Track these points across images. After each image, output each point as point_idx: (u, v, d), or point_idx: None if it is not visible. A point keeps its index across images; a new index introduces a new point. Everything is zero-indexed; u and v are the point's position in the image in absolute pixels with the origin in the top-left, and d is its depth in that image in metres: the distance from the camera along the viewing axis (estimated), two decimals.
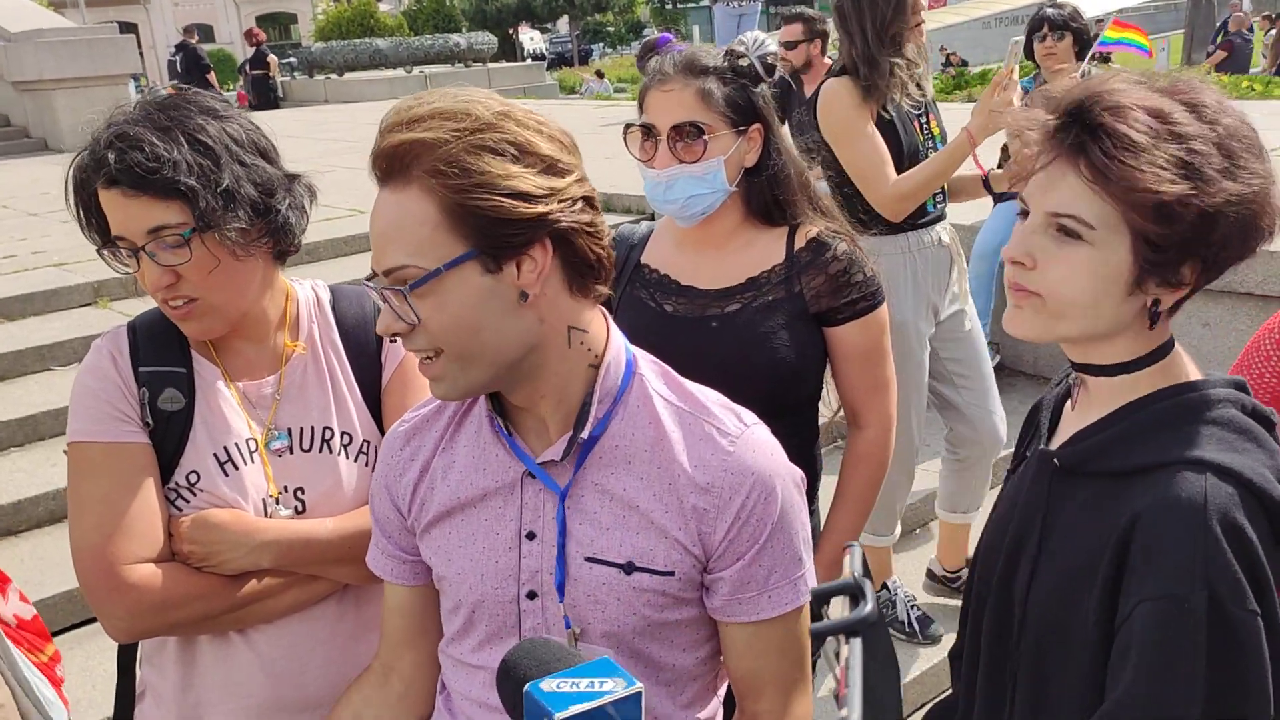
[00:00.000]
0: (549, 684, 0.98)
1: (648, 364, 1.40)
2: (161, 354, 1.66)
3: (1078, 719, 1.27)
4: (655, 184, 2.06)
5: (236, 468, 1.64)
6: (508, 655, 1.06)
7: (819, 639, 0.74)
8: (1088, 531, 1.28)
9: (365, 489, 1.70)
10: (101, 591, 1.56)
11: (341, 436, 1.71)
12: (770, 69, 2.10)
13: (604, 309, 1.40)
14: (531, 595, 1.36)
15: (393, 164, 1.22)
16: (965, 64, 21.47)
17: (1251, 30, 19.46)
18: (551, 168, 1.24)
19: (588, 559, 1.32)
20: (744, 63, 2.06)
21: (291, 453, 1.69)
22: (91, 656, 3.19)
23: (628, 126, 2.08)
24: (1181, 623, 1.16)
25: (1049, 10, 5.00)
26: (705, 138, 2.02)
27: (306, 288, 1.79)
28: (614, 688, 0.98)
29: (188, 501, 1.63)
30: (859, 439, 2.21)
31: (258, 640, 1.67)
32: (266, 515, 1.65)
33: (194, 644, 1.68)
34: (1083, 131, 1.20)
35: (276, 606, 1.66)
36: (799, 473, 1.39)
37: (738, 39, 2.13)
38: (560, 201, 1.23)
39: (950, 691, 1.65)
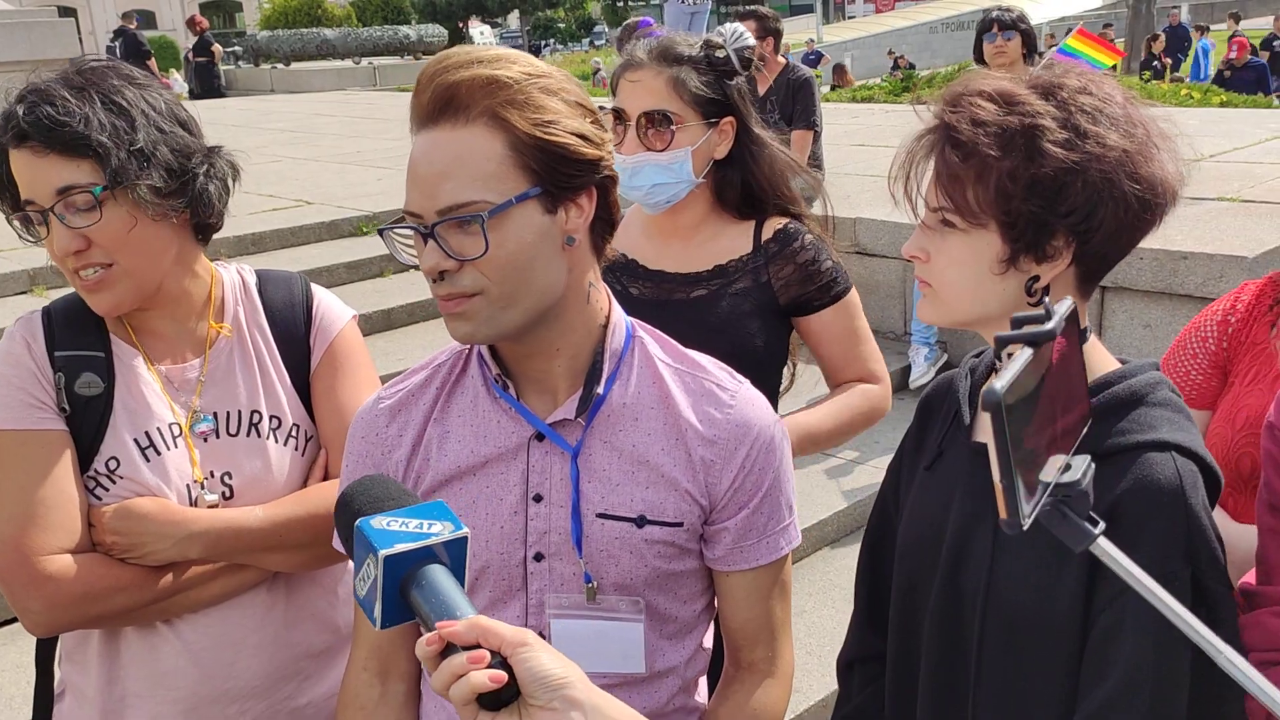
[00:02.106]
0: (379, 521, 1.00)
1: (642, 328, 1.45)
2: (78, 337, 1.59)
3: (1062, 704, 1.29)
4: (621, 169, 2.04)
5: (159, 453, 1.58)
6: (346, 489, 1.07)
7: (1005, 345, 0.88)
8: None
9: (296, 473, 1.67)
10: (18, 585, 1.49)
11: (270, 420, 1.66)
12: (747, 62, 2.10)
13: None
14: (538, 557, 1.37)
15: (454, 99, 1.23)
16: (913, 67, 21.72)
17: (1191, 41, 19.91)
18: (596, 121, 1.31)
19: (599, 515, 1.35)
20: (720, 54, 2.06)
21: (218, 436, 1.63)
22: (25, 653, 3.12)
23: (599, 109, 2.07)
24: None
25: (997, 12, 5.09)
26: (673, 127, 2.01)
27: (232, 271, 1.73)
28: (441, 530, 1.01)
29: (107, 489, 1.56)
30: (870, 389, 2.15)
31: (185, 631, 1.61)
32: (191, 501, 1.60)
33: (118, 637, 1.63)
34: (943, 126, 1.29)
35: (203, 596, 1.60)
36: (784, 425, 1.46)
37: (716, 30, 2.12)
38: (607, 151, 1.31)
39: (845, 703, 1.63)
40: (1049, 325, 0.88)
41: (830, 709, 3.13)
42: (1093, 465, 0.93)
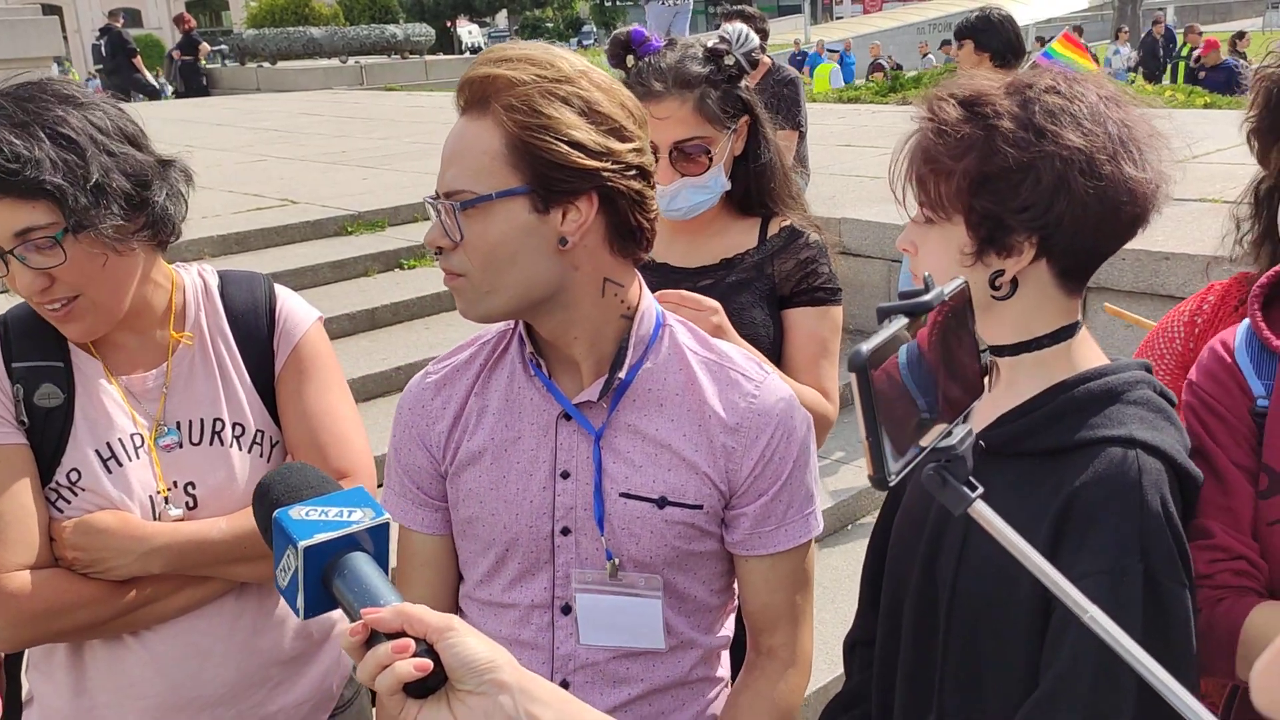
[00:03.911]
0: (297, 511, 0.99)
1: (674, 319, 1.50)
2: (37, 348, 1.57)
3: (1018, 691, 1.30)
4: (660, 196, 2.05)
5: (121, 464, 1.57)
6: (263, 478, 1.07)
7: (885, 314, 0.93)
8: (1018, 510, 1.30)
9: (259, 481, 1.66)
10: None
11: (233, 428, 1.64)
12: (754, 63, 2.13)
13: None
14: (565, 531, 1.43)
15: (475, 94, 1.33)
16: (900, 68, 21.78)
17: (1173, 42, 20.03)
18: (614, 131, 1.33)
19: (622, 495, 1.41)
20: (729, 61, 2.08)
21: (181, 447, 1.61)
22: None
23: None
24: (1120, 597, 1.21)
25: (975, 15, 5.09)
26: (711, 152, 2.04)
27: (194, 274, 1.71)
28: (361, 517, 1.00)
29: (69, 502, 1.55)
30: (821, 398, 2.15)
31: (151, 640, 1.60)
32: (155, 513, 1.58)
33: (84, 646, 1.61)
34: (918, 130, 1.34)
35: (169, 608, 1.59)
36: (810, 417, 1.49)
37: (720, 34, 2.13)
38: (615, 163, 1.32)
39: (847, 682, 1.65)
40: (926, 297, 0.93)
41: (814, 704, 3.16)
42: (972, 433, 0.98)
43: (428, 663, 0.91)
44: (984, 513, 0.96)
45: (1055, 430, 1.31)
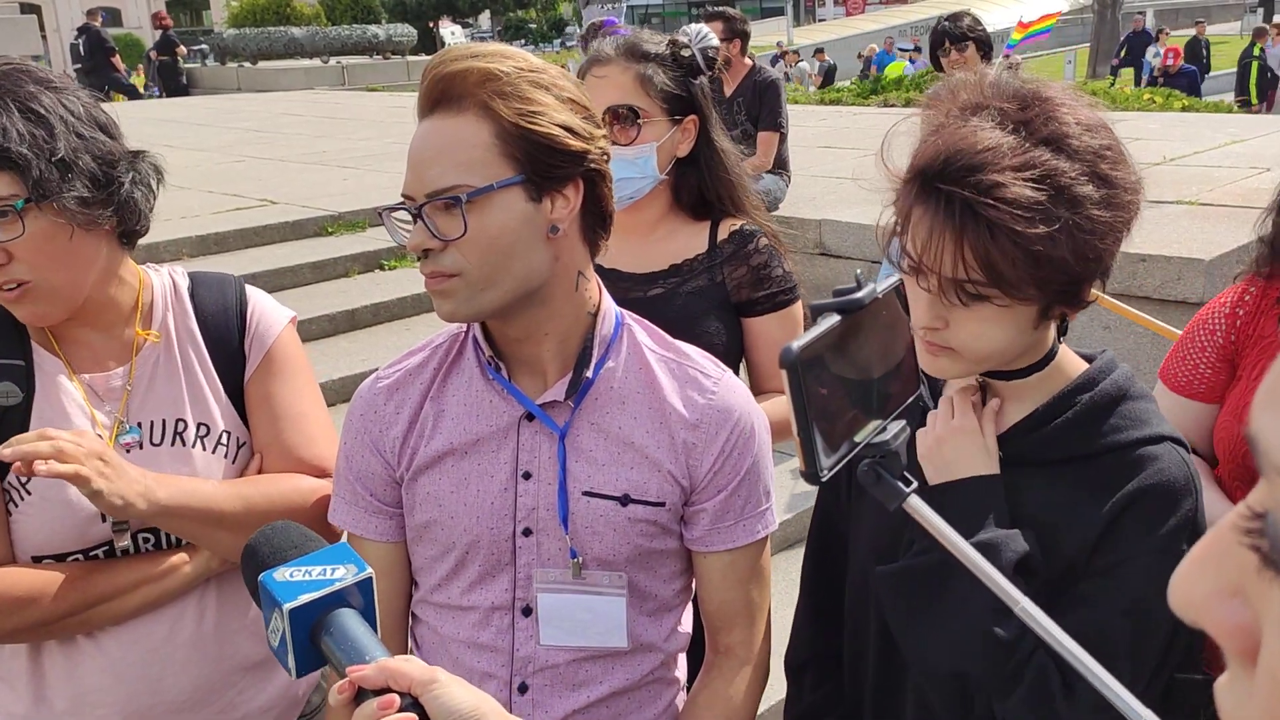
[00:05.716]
0: (282, 573, 1.00)
1: (631, 318, 1.50)
2: None
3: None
4: None
5: None
6: (250, 541, 1.08)
7: (819, 311, 0.92)
8: (1068, 514, 1.32)
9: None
10: None
11: (198, 428, 1.62)
12: (711, 62, 2.13)
13: None
14: (526, 532, 1.43)
15: (449, 90, 1.31)
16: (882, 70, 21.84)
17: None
18: (588, 117, 1.36)
19: (585, 493, 1.41)
20: (685, 53, 2.08)
21: (142, 448, 1.59)
22: None
23: None
24: (1166, 575, 1.21)
25: (945, 24, 5.09)
26: (640, 122, 2.03)
27: (164, 275, 1.69)
28: (345, 574, 1.01)
29: (23, 498, 1.53)
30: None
31: (110, 646, 1.58)
32: (104, 514, 1.55)
33: (42, 654, 1.59)
34: (963, 206, 1.18)
35: (125, 607, 1.56)
36: (765, 415, 1.51)
37: (681, 30, 2.13)
38: (596, 146, 1.36)
39: (802, 700, 1.63)
40: (859, 295, 0.93)
41: None
42: (906, 429, 0.98)
43: (412, 717, 0.92)
44: (918, 507, 0.96)
45: (1085, 435, 1.32)
